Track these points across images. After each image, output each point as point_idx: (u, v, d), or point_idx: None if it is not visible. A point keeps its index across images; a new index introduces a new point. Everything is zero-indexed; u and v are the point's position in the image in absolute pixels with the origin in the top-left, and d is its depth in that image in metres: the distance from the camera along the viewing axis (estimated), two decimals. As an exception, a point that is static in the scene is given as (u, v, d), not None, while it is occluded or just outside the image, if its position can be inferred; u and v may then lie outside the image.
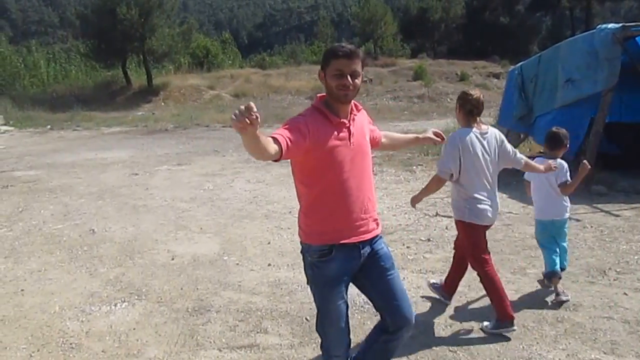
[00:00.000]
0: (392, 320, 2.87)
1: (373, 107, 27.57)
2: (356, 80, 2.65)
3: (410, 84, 32.53)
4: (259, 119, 2.11)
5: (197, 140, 17.10)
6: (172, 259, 5.91)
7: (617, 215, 7.19)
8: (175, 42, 32.30)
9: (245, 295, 4.85)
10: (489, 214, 4.09)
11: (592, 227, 6.70)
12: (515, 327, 3.99)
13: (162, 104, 29.25)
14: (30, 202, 8.92)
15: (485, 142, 4.10)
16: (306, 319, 4.32)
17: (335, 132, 2.67)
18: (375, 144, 3.09)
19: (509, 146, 4.22)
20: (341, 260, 2.73)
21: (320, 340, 2.99)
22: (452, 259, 4.65)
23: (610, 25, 8.68)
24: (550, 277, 4.56)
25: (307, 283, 2.93)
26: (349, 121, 2.72)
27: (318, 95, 2.81)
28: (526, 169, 4.35)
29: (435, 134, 3.45)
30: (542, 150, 12.08)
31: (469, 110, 4.10)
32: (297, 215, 2.89)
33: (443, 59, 40.99)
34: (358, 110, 2.82)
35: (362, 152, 2.79)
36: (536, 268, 5.31)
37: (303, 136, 2.52)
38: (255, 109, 2.08)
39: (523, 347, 3.78)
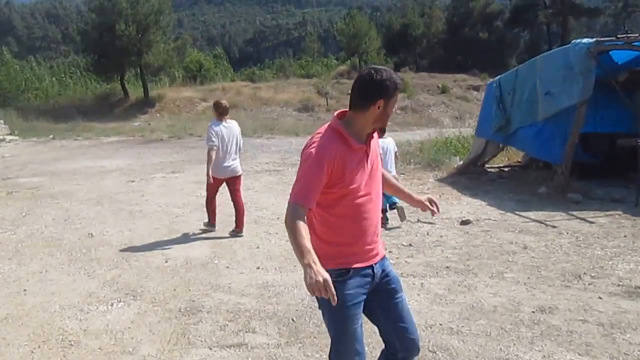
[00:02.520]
0: (401, 344, 2.62)
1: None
2: None
3: (394, 96, 32.61)
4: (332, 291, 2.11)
5: (191, 150, 17.03)
6: (166, 262, 5.89)
7: (592, 222, 7.18)
8: (170, 57, 32.31)
9: (235, 297, 4.84)
10: (229, 171, 6.89)
11: (568, 233, 6.70)
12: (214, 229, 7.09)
13: (158, 115, 29.18)
14: (33, 207, 8.86)
15: (228, 129, 6.88)
16: (292, 319, 4.31)
17: (354, 158, 2.43)
18: None
19: (241, 142, 7.12)
20: (359, 278, 2.49)
21: None
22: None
23: (585, 40, 8.71)
24: (386, 210, 7.15)
25: (319, 307, 2.59)
26: (367, 144, 2.49)
27: (336, 113, 2.54)
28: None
29: (430, 201, 2.87)
30: (519, 160, 12.23)
31: (220, 112, 6.88)
32: (285, 221, 2.70)
33: (425, 72, 41.20)
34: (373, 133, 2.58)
35: (377, 174, 2.59)
36: (514, 272, 5.33)
37: (321, 182, 2.36)
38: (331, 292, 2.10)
39: (501, 348, 3.76)
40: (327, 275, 2.11)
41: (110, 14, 29.72)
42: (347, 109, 2.50)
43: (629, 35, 8.91)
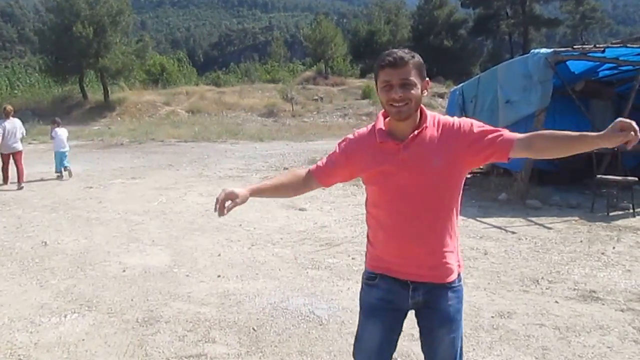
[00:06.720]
0: None
1: (323, 123, 27.69)
2: (410, 92, 2.05)
3: (359, 102, 32.91)
4: (234, 204, 2.18)
5: (152, 155, 16.83)
6: (124, 271, 5.77)
7: (550, 228, 7.35)
8: (130, 60, 31.79)
9: (194, 306, 4.77)
10: (12, 148, 11.08)
11: (526, 239, 6.83)
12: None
13: (119, 118, 28.73)
14: (-17, 214, 8.61)
15: (10, 124, 11.06)
16: (253, 329, 4.27)
17: (381, 153, 2.16)
18: (499, 155, 2.12)
19: (22, 131, 11.49)
20: (384, 291, 2.28)
21: None
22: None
23: (543, 50, 8.97)
24: (61, 172, 12.32)
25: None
26: (407, 141, 2.13)
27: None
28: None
29: (624, 126, 1.81)
30: (481, 166, 12.44)
31: (6, 114, 11.04)
32: (247, 228, 2.71)
33: (390, 78, 41.52)
34: (432, 124, 2.17)
35: (422, 178, 2.13)
36: (474, 278, 5.39)
37: (338, 165, 2.29)
38: (230, 201, 2.17)
39: (460, 353, 3.81)
40: (229, 190, 2.18)
41: (68, 15, 29.24)
42: None
43: (584, 46, 9.21)
